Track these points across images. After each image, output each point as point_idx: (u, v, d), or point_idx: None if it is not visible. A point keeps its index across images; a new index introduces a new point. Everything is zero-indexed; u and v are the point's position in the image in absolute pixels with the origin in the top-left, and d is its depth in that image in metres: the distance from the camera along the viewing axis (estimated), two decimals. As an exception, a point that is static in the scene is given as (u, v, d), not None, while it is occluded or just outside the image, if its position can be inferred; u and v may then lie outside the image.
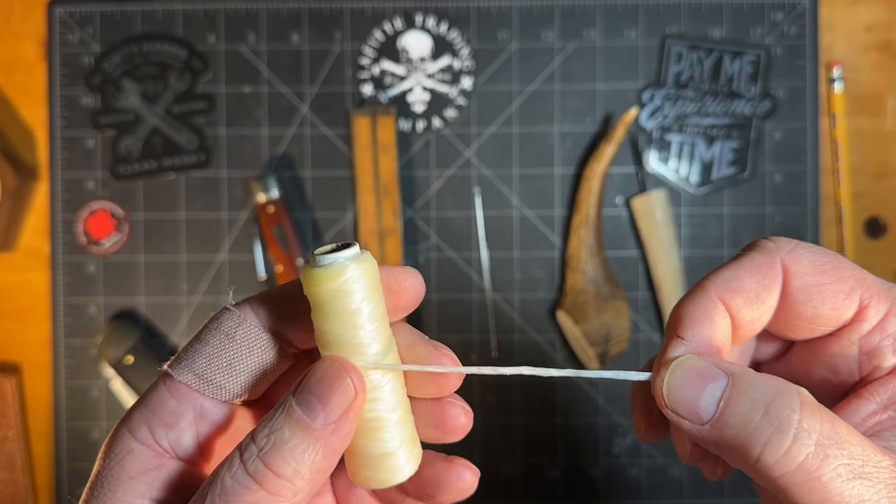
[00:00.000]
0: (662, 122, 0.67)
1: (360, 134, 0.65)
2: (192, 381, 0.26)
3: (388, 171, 0.65)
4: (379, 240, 0.65)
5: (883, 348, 0.26)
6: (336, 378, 0.24)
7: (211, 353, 0.26)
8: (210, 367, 0.26)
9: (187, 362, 0.26)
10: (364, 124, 0.65)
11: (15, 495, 0.66)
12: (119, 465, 0.25)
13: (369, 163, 0.65)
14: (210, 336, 0.26)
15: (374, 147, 0.65)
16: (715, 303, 0.26)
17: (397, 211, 0.65)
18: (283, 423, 0.23)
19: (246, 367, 0.26)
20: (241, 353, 0.26)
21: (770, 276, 0.26)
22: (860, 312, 0.26)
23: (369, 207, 0.65)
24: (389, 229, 0.65)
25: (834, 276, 0.26)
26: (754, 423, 0.23)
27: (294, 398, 0.24)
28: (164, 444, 0.26)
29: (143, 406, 0.26)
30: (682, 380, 0.24)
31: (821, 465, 0.22)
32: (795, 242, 0.26)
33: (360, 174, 0.65)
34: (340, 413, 0.24)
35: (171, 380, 0.26)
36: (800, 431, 0.22)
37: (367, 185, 0.65)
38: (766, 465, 0.22)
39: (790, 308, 0.26)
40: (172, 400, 0.26)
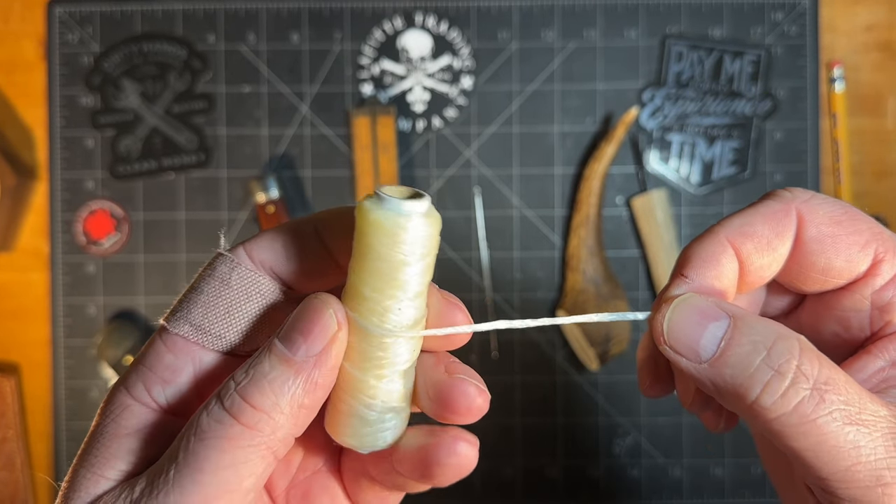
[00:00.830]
0: (663, 122, 0.67)
1: (360, 134, 0.65)
2: (189, 333, 0.24)
3: (388, 171, 0.65)
4: (379, 240, 0.65)
5: (895, 304, 0.25)
6: (318, 310, 0.23)
7: (206, 301, 0.25)
8: (207, 317, 0.25)
9: (182, 313, 0.25)
10: (364, 124, 0.64)
11: (14, 495, 0.66)
12: (114, 421, 0.24)
13: (369, 163, 0.65)
14: (204, 284, 0.25)
15: (374, 147, 0.65)
16: (724, 245, 0.25)
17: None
18: (263, 357, 0.23)
19: (245, 314, 0.25)
20: (238, 299, 0.25)
21: (784, 224, 0.25)
22: (874, 266, 0.25)
23: (369, 207, 0.65)
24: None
25: (849, 227, 0.25)
26: (754, 365, 0.23)
27: (278, 337, 0.23)
28: (161, 399, 0.25)
29: (140, 363, 0.25)
30: (684, 317, 0.24)
31: (816, 409, 0.22)
32: (812, 193, 0.26)
33: (360, 174, 0.65)
34: (322, 346, 0.23)
35: (167, 333, 0.25)
36: (798, 375, 0.22)
37: (367, 184, 0.65)
38: (762, 407, 0.23)
39: (803, 258, 0.26)
40: (169, 354, 0.24)
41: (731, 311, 0.24)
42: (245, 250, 0.25)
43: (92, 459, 0.24)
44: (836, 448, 0.22)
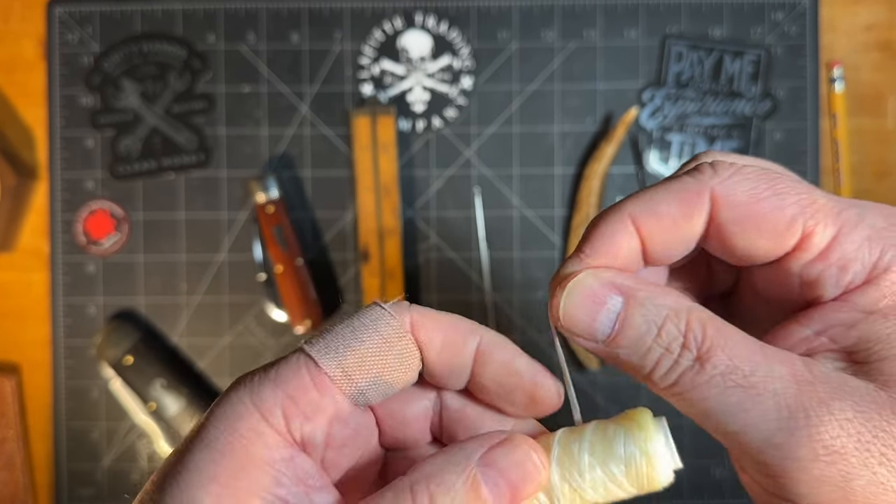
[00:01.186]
0: (663, 122, 0.67)
1: (360, 134, 0.65)
2: (339, 378, 0.24)
3: (388, 171, 0.65)
4: (379, 240, 0.65)
5: (824, 278, 0.24)
6: (533, 471, 0.23)
7: (364, 355, 0.24)
8: (360, 370, 0.24)
9: (337, 354, 0.24)
10: (364, 124, 0.64)
11: (14, 495, 0.66)
12: (245, 448, 0.22)
13: (369, 163, 0.65)
14: (366, 335, 0.24)
15: (374, 147, 0.65)
16: (624, 222, 0.25)
17: (397, 211, 0.65)
18: (467, 499, 0.22)
19: (390, 381, 0.25)
20: (391, 366, 0.25)
21: (694, 205, 0.24)
22: (802, 241, 0.24)
23: (369, 207, 0.65)
24: (389, 229, 0.65)
25: (773, 204, 0.24)
26: (647, 345, 0.23)
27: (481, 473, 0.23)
28: (297, 435, 0.23)
29: (278, 387, 0.23)
30: (578, 300, 0.24)
31: (696, 377, 0.22)
32: (737, 167, 0.25)
33: (360, 174, 0.65)
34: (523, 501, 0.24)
35: (316, 368, 0.24)
36: (683, 349, 0.23)
37: (367, 184, 0.65)
38: (654, 381, 0.24)
39: (724, 239, 0.25)
40: (315, 391, 0.24)
41: (625, 289, 0.24)
42: (412, 323, 0.25)
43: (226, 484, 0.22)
44: (722, 412, 0.22)
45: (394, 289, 0.65)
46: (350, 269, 0.67)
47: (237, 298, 0.67)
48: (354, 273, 0.67)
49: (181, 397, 0.64)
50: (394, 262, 0.65)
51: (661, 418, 0.24)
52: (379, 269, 0.65)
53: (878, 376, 0.22)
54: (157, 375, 0.64)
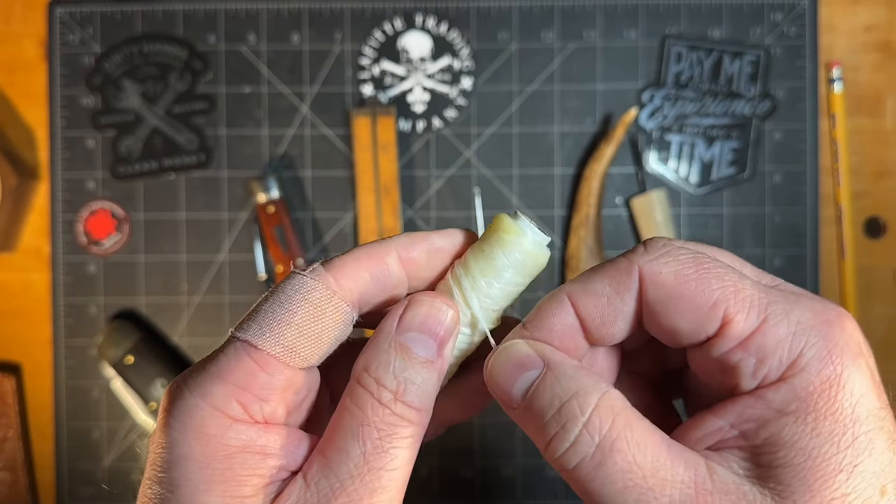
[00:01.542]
0: (662, 123, 0.67)
1: (361, 134, 0.65)
2: (282, 353, 0.25)
3: (388, 171, 0.65)
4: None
5: (741, 368, 0.24)
6: (439, 314, 0.26)
7: (300, 324, 0.25)
8: (300, 340, 0.25)
9: (274, 333, 0.25)
10: (364, 124, 0.65)
11: (16, 495, 0.66)
12: (221, 442, 0.24)
13: (369, 163, 0.65)
14: (297, 307, 0.26)
15: (375, 147, 0.65)
16: (562, 302, 0.26)
17: (397, 211, 0.65)
18: (404, 364, 0.25)
19: (330, 340, 0.26)
20: (328, 327, 0.26)
21: (624, 284, 0.25)
22: (723, 327, 0.24)
23: (369, 207, 0.65)
24: (389, 229, 0.65)
25: (696, 287, 0.24)
26: (546, 418, 0.24)
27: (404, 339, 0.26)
28: (259, 417, 0.25)
29: (225, 381, 0.25)
30: (502, 364, 0.26)
31: (595, 470, 0.23)
32: (667, 248, 0.25)
33: (360, 174, 0.65)
34: (450, 344, 0.26)
35: (257, 351, 0.25)
36: (582, 434, 0.23)
37: (367, 185, 0.65)
38: (551, 459, 0.24)
39: (650, 318, 0.25)
40: (263, 374, 0.25)
41: (549, 360, 0.25)
42: (334, 277, 0.26)
43: (222, 480, 0.24)
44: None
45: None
46: (350, 269, 0.67)
47: (238, 298, 0.67)
48: (355, 273, 0.67)
49: (182, 397, 0.64)
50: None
51: (517, 215, 0.28)
52: (379, 269, 0.65)
53: (776, 485, 0.22)
54: (157, 375, 0.64)
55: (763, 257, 0.67)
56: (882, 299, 0.67)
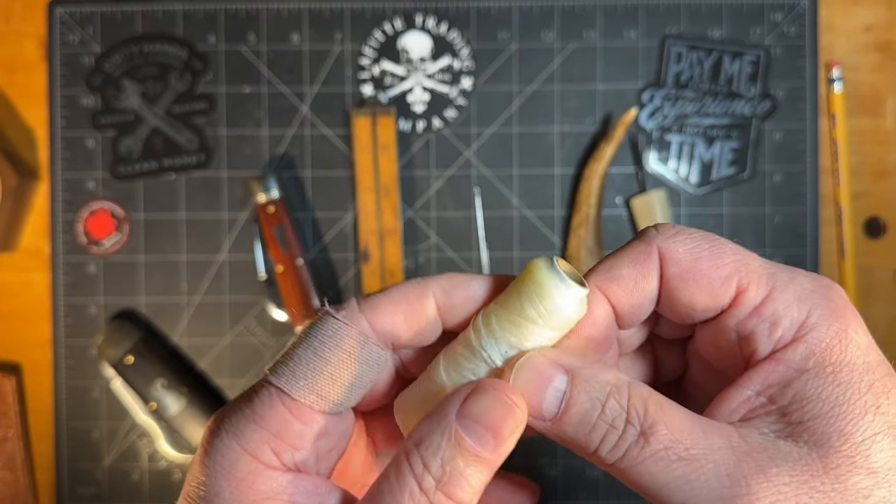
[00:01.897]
0: (662, 123, 0.67)
1: (361, 134, 0.65)
2: (315, 402, 0.25)
3: (388, 171, 0.65)
4: (379, 240, 0.65)
5: (757, 333, 0.25)
6: (506, 410, 0.24)
7: (333, 372, 0.25)
8: (333, 388, 0.25)
9: (308, 381, 0.25)
10: (364, 124, 0.65)
11: (16, 495, 0.66)
12: (250, 488, 0.24)
13: (369, 163, 0.65)
14: (329, 354, 0.25)
15: (375, 147, 0.65)
16: (594, 293, 0.26)
17: (397, 211, 0.65)
18: (454, 452, 0.24)
19: (364, 384, 0.26)
20: (362, 373, 0.26)
21: (647, 265, 0.26)
22: (737, 297, 0.25)
23: (369, 207, 0.65)
24: (389, 229, 0.65)
25: (710, 262, 0.26)
26: (592, 422, 0.24)
27: (461, 427, 0.24)
28: (290, 464, 0.25)
29: (260, 426, 0.25)
30: (526, 380, 0.25)
31: (642, 452, 0.23)
32: (678, 229, 0.26)
33: (360, 174, 0.65)
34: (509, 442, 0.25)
35: (291, 399, 0.25)
36: (627, 425, 0.24)
37: (367, 185, 0.65)
38: (601, 457, 0.24)
39: (670, 295, 0.26)
40: (297, 422, 0.25)
41: (569, 367, 0.25)
42: (368, 321, 0.26)
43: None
44: (667, 485, 0.23)
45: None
46: (350, 269, 0.67)
47: (238, 298, 0.67)
48: (355, 273, 0.67)
49: (182, 397, 0.64)
50: (394, 262, 0.65)
51: (550, 263, 0.26)
52: (379, 269, 0.65)
53: (809, 437, 0.23)
54: (157, 375, 0.64)
55: (763, 257, 0.67)
56: (882, 299, 0.67)
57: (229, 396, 0.67)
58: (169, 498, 0.66)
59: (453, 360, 0.26)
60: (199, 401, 0.65)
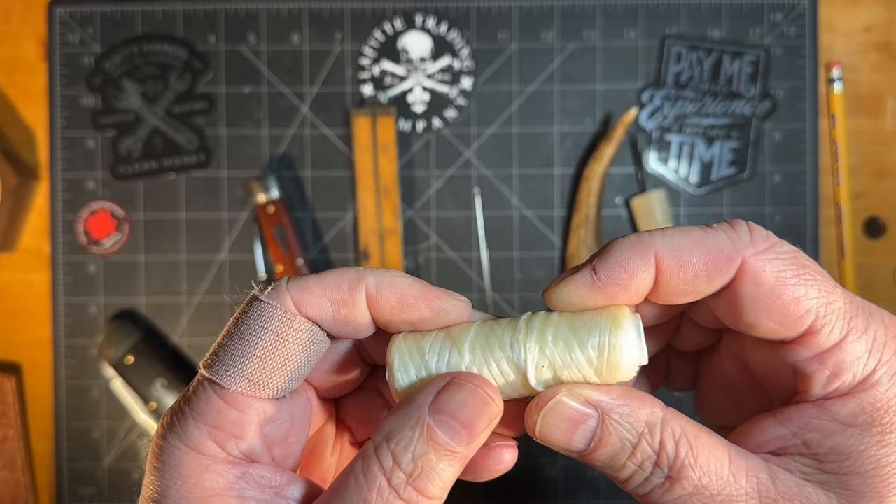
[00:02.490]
0: (662, 123, 0.67)
1: (360, 134, 0.65)
2: (248, 389, 0.24)
3: (388, 171, 0.65)
4: (379, 240, 0.65)
5: (816, 378, 0.24)
6: (482, 405, 0.24)
7: (263, 356, 0.24)
8: (265, 372, 0.25)
9: (237, 368, 0.24)
10: (364, 124, 0.65)
11: (16, 495, 0.66)
12: (196, 485, 0.24)
13: (369, 163, 0.65)
14: (257, 337, 0.25)
15: (374, 147, 0.65)
16: (648, 259, 0.24)
17: (397, 211, 0.65)
18: (426, 447, 0.23)
19: (299, 364, 0.25)
20: (293, 352, 0.25)
21: (722, 270, 0.24)
22: (805, 336, 0.24)
23: (369, 207, 0.65)
24: (389, 229, 0.65)
25: (794, 292, 0.23)
26: (621, 462, 0.24)
27: (433, 420, 0.24)
28: (236, 453, 0.25)
29: (198, 420, 0.24)
30: (555, 424, 0.25)
31: (665, 495, 0.24)
32: (771, 243, 0.24)
33: (360, 174, 0.65)
34: (482, 436, 0.24)
35: (223, 389, 0.24)
36: (655, 467, 0.24)
37: (367, 185, 0.65)
38: (629, 489, 0.25)
39: (734, 305, 0.25)
40: (233, 411, 0.24)
41: (601, 405, 0.24)
42: (294, 300, 0.25)
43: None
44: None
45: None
46: (350, 269, 0.67)
47: (238, 298, 0.67)
48: (355, 273, 0.67)
49: (182, 397, 0.64)
50: (394, 261, 0.65)
51: (636, 322, 0.25)
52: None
53: (843, 490, 0.23)
54: (157, 375, 0.64)
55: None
56: (882, 299, 0.67)
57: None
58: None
59: (486, 337, 0.25)
60: (199, 401, 0.65)
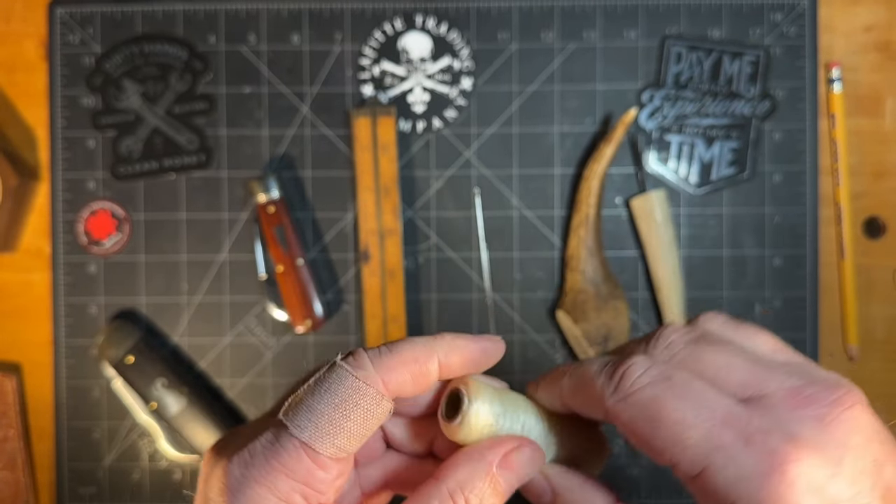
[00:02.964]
0: (662, 123, 0.67)
1: (361, 134, 0.65)
2: (335, 454, 0.28)
3: (388, 171, 0.65)
4: (379, 240, 0.65)
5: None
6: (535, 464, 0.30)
7: (352, 428, 0.28)
8: (350, 441, 0.28)
9: (330, 437, 0.27)
10: (364, 125, 0.65)
11: (16, 495, 0.66)
12: None
13: (369, 163, 0.65)
14: (350, 411, 0.28)
15: (375, 147, 0.65)
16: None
17: (397, 211, 0.65)
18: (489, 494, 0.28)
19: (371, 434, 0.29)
20: (373, 426, 0.29)
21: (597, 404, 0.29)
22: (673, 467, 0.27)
23: (369, 207, 0.65)
24: (389, 229, 0.65)
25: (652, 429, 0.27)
26: None
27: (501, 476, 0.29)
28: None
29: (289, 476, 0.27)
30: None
31: None
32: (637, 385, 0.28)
33: (360, 174, 0.65)
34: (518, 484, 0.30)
35: (314, 452, 0.27)
36: None
37: (367, 184, 0.65)
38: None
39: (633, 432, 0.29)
40: (321, 472, 0.28)
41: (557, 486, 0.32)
42: (382, 379, 0.28)
43: None
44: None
45: (394, 289, 0.65)
46: (350, 269, 0.67)
47: (238, 298, 0.67)
48: (355, 273, 0.67)
49: (182, 397, 0.64)
50: (394, 262, 0.65)
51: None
52: (379, 269, 0.65)
53: None
54: (158, 375, 0.64)
55: (763, 257, 0.67)
56: (882, 299, 0.68)
57: (230, 396, 0.67)
58: (169, 498, 0.67)
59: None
60: (199, 400, 0.65)
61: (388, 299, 0.65)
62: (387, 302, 0.65)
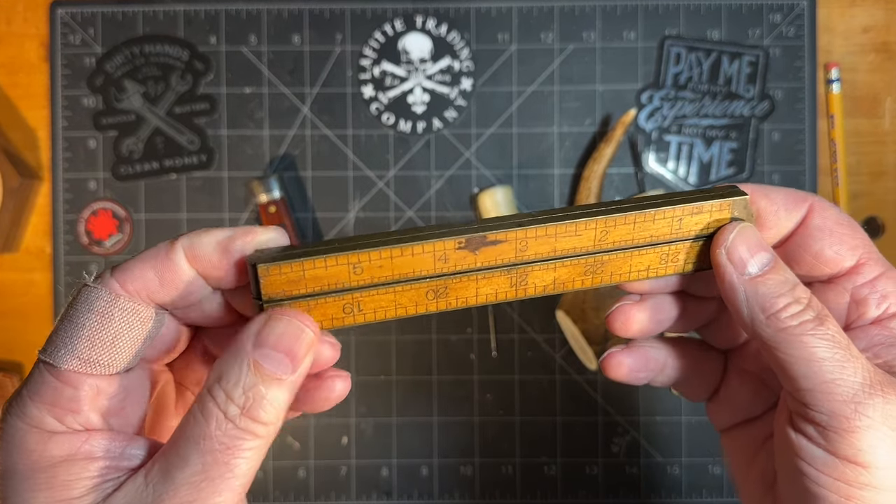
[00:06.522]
0: (661, 123, 0.67)
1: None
2: (79, 366, 0.27)
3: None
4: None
5: (870, 300, 0.31)
6: (299, 333, 0.27)
7: (90, 335, 0.27)
8: (93, 350, 0.27)
9: (67, 348, 0.27)
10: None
11: (18, 494, 0.66)
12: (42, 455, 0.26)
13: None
14: (84, 318, 0.27)
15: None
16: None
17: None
18: (255, 380, 0.26)
19: (130, 340, 0.28)
20: (121, 329, 0.27)
21: (798, 204, 0.31)
22: (857, 266, 0.31)
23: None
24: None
25: (847, 230, 0.31)
26: (782, 292, 0.29)
27: (259, 356, 0.26)
28: (76, 427, 0.27)
29: (35, 400, 0.27)
30: (746, 239, 0.30)
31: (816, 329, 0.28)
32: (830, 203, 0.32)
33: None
34: (305, 361, 0.27)
35: (56, 368, 0.27)
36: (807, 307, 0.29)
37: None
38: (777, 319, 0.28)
39: (802, 239, 0.31)
40: (68, 388, 0.27)
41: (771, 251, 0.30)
42: (118, 281, 0.27)
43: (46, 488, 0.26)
44: (823, 362, 0.27)
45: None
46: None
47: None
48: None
49: (183, 396, 0.65)
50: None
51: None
52: (379, 269, 0.65)
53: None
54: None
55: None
56: (880, 299, 0.68)
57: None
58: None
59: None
60: (200, 400, 0.65)
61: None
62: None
